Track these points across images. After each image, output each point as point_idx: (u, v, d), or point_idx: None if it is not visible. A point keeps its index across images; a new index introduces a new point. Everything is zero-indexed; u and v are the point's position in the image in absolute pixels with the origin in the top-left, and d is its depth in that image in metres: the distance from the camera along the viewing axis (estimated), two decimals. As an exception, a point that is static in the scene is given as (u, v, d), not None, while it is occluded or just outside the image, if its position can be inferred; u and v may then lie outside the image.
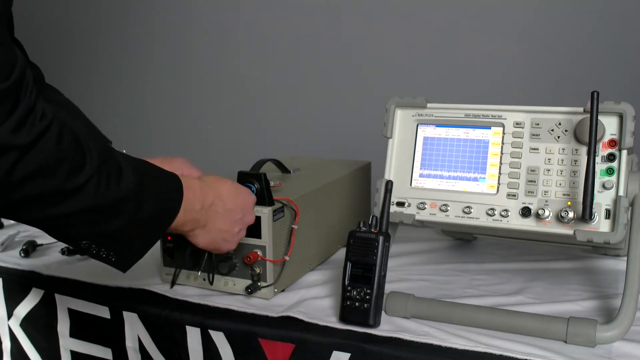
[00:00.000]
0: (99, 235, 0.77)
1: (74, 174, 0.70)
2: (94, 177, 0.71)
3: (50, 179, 0.68)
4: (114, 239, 0.78)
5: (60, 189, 0.69)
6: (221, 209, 0.91)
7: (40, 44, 2.67)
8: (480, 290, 1.07)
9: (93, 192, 0.71)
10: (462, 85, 1.92)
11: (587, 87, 0.92)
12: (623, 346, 0.85)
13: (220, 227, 0.92)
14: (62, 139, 0.69)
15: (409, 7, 2.04)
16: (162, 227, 0.84)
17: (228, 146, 2.37)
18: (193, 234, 0.90)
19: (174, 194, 0.84)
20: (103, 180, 0.72)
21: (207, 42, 2.39)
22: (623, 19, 1.82)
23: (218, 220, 0.91)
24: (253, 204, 0.98)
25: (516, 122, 0.96)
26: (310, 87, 2.22)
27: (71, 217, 0.72)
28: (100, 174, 0.72)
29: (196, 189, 0.88)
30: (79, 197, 0.71)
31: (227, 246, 0.95)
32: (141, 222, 0.79)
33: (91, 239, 0.77)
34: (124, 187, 0.75)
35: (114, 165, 0.75)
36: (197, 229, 0.90)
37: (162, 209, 0.83)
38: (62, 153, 0.68)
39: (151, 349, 1.03)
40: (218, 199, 0.91)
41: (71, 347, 1.13)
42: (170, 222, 0.84)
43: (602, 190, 0.90)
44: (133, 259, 0.83)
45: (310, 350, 0.90)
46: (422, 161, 1.02)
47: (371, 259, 0.93)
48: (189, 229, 0.89)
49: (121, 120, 2.63)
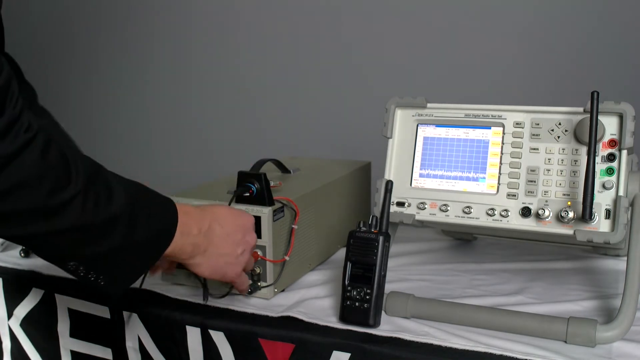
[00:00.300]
0: (87, 257, 0.73)
1: (58, 190, 0.67)
2: (80, 195, 0.68)
3: (33, 193, 0.65)
4: (104, 261, 0.75)
5: (43, 205, 0.66)
6: (220, 232, 0.88)
7: (40, 44, 2.67)
8: (480, 290, 1.07)
9: (79, 210, 0.68)
10: (462, 85, 1.92)
11: (587, 87, 0.92)
12: (623, 346, 0.85)
13: (221, 251, 0.88)
14: (47, 153, 0.66)
15: (409, 7, 2.04)
16: (158, 251, 0.80)
17: (228, 146, 2.37)
18: (194, 263, 0.86)
19: (169, 217, 0.81)
20: (90, 199, 0.70)
21: (207, 42, 2.39)
22: (623, 19, 1.82)
23: (218, 244, 0.87)
24: (252, 225, 0.94)
25: (516, 122, 0.96)
26: (310, 87, 2.22)
27: (55, 236, 0.69)
28: (87, 192, 0.69)
29: (192, 212, 0.85)
30: (64, 215, 0.68)
31: (232, 270, 0.91)
32: (134, 245, 0.76)
33: (78, 261, 0.73)
34: (113, 207, 0.72)
35: (103, 184, 0.72)
36: (198, 255, 0.86)
37: (156, 232, 0.79)
38: (46, 167, 0.66)
39: (151, 349, 1.03)
40: (215, 222, 0.87)
41: (71, 347, 1.13)
42: (165, 246, 0.80)
43: (602, 190, 0.90)
44: (124, 284, 0.79)
45: (310, 350, 0.90)
46: (422, 161, 1.02)
47: (371, 259, 0.93)
48: (188, 255, 0.85)
49: (121, 120, 2.63)
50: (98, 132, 2.65)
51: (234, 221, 0.90)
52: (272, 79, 2.29)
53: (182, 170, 2.41)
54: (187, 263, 0.86)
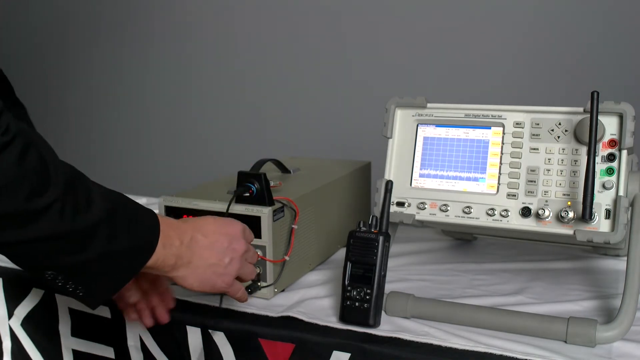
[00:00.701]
0: (65, 266, 0.71)
1: (36, 196, 0.64)
2: (58, 202, 0.66)
3: (9, 198, 0.63)
4: (82, 271, 0.72)
5: (19, 211, 0.64)
6: (203, 242, 0.84)
7: (40, 44, 2.68)
8: (480, 290, 1.07)
9: (57, 217, 0.66)
10: (462, 85, 1.92)
11: (587, 87, 0.92)
12: (623, 346, 0.85)
13: (207, 261, 0.84)
14: (25, 157, 0.64)
15: (409, 7, 2.04)
16: (139, 263, 0.77)
17: (228, 146, 2.37)
18: (179, 276, 0.82)
19: (150, 228, 0.78)
20: (69, 206, 0.67)
21: (208, 42, 2.39)
22: (623, 19, 1.82)
23: (203, 254, 0.83)
24: (240, 232, 0.89)
25: (516, 122, 0.96)
26: (310, 87, 2.22)
27: (33, 243, 0.67)
28: (65, 198, 0.67)
29: (173, 224, 0.82)
30: (41, 222, 0.66)
31: (222, 280, 0.86)
32: (113, 255, 0.73)
33: (56, 270, 0.71)
34: (93, 215, 0.70)
35: (83, 191, 0.70)
36: (182, 267, 0.82)
37: (137, 243, 0.76)
38: (23, 171, 0.64)
39: (153, 348, 1.03)
40: (198, 232, 0.84)
41: (73, 346, 1.13)
42: (147, 257, 0.77)
43: (602, 190, 0.90)
44: (103, 296, 0.77)
45: (310, 350, 0.90)
46: (422, 161, 1.02)
47: (371, 259, 0.93)
48: (171, 267, 0.81)
49: (121, 120, 2.63)
50: (98, 132, 2.65)
51: (218, 230, 0.87)
52: (272, 79, 2.29)
53: (182, 170, 2.41)
54: (173, 276, 0.82)
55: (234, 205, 1.01)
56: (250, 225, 0.99)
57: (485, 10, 1.96)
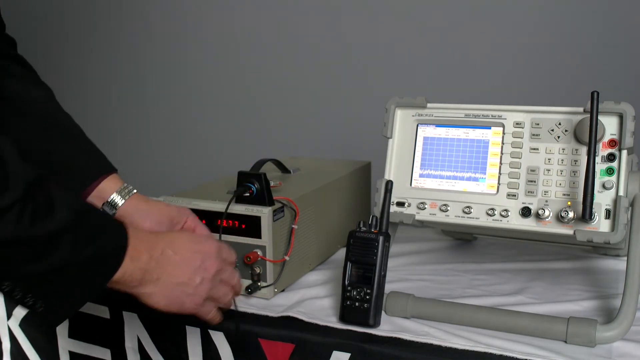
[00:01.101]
0: (24, 277, 0.65)
1: None
2: (17, 205, 0.62)
3: None
4: (42, 283, 0.67)
5: None
6: (174, 258, 0.78)
7: (39, 44, 2.67)
8: (480, 290, 1.07)
9: (14, 221, 0.62)
10: (462, 85, 1.92)
11: (587, 87, 0.92)
12: (623, 346, 0.85)
13: (176, 280, 0.78)
14: None
15: (409, 7, 2.04)
16: (104, 277, 0.72)
17: (228, 146, 2.37)
18: (146, 292, 0.77)
19: (118, 240, 0.73)
20: (29, 210, 0.63)
21: (208, 42, 2.39)
22: (623, 19, 1.82)
23: (172, 271, 0.78)
24: (215, 251, 0.84)
25: (516, 122, 0.96)
26: (311, 87, 2.22)
27: None
28: (25, 202, 0.63)
29: (144, 237, 0.77)
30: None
31: (191, 301, 0.81)
32: (76, 266, 0.68)
33: (14, 280, 0.65)
34: (55, 221, 0.65)
35: (45, 196, 0.65)
36: (149, 283, 0.76)
37: (103, 254, 0.71)
38: None
39: (150, 350, 1.02)
40: (169, 247, 0.78)
41: (70, 347, 1.12)
42: (113, 271, 0.72)
43: (602, 190, 0.90)
44: (65, 312, 0.71)
45: (310, 350, 0.90)
46: (422, 161, 1.02)
47: (371, 259, 0.93)
48: (137, 282, 0.75)
49: (121, 120, 2.63)
50: (98, 132, 2.65)
51: (192, 247, 0.82)
52: (272, 79, 2.29)
53: (182, 170, 2.41)
54: (139, 293, 0.77)
55: (234, 205, 1.01)
56: (250, 225, 1.00)
57: (485, 10, 1.96)
